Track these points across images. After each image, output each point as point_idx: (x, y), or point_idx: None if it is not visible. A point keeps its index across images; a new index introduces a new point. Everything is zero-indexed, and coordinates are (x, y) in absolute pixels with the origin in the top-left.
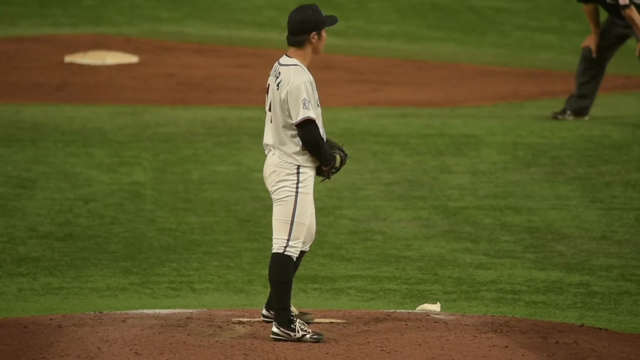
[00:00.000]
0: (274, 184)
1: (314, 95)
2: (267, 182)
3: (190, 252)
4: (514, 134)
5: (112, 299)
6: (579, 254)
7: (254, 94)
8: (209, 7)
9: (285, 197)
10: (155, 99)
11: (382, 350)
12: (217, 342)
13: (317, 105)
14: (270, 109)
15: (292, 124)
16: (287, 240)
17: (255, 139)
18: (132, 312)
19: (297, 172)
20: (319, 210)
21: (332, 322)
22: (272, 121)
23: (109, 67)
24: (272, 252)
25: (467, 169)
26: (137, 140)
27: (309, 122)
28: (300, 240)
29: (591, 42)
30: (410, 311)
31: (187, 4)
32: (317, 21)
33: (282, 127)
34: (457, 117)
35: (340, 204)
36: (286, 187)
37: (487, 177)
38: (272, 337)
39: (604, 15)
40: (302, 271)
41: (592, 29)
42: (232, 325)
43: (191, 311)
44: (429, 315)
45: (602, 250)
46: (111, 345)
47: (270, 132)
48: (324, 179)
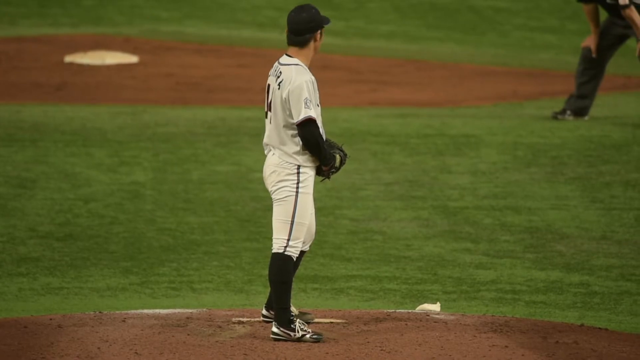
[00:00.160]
0: (274, 183)
1: (315, 94)
2: (267, 182)
3: (190, 252)
4: (514, 134)
5: (112, 298)
6: (579, 254)
7: (253, 94)
8: (209, 7)
9: (285, 197)
10: (155, 99)
11: (382, 350)
12: (217, 342)
13: (318, 105)
14: (270, 109)
15: (293, 123)
16: (287, 240)
17: (255, 139)
18: (132, 312)
19: (298, 172)
20: (318, 210)
21: (332, 322)
22: (272, 121)
23: (109, 67)
24: (272, 252)
25: (467, 169)
26: (137, 140)
27: (309, 121)
28: (300, 240)
29: (591, 42)
30: (410, 311)
31: (186, 4)
32: (320, 19)
33: (283, 127)
34: (456, 117)
35: (340, 204)
36: (286, 187)
37: (487, 177)
38: (272, 337)
39: (603, 15)
40: (302, 271)
41: (592, 29)
42: (232, 325)
43: (191, 311)
44: (428, 315)
45: (602, 250)
46: (111, 345)
47: (270, 132)
48: (323, 178)
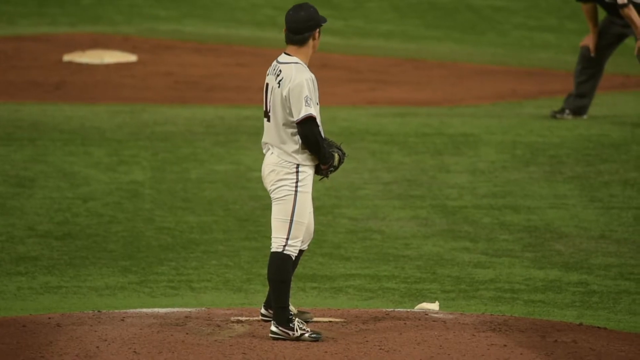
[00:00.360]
0: (273, 182)
1: (315, 93)
2: (265, 181)
3: (189, 251)
4: (513, 133)
5: (110, 297)
6: (578, 253)
7: (252, 92)
8: (208, 6)
9: (284, 196)
10: (153, 98)
11: (380, 349)
12: (215, 341)
13: (317, 103)
14: (269, 108)
15: (294, 121)
16: (287, 239)
17: (253, 138)
18: (131, 311)
19: (297, 171)
20: (317, 209)
21: (330, 321)
22: (271, 120)
23: (108, 66)
24: (271, 251)
25: (465, 168)
26: (135, 139)
27: (310, 119)
28: (299, 239)
29: (590, 41)
30: (408, 310)
31: (185, 3)
32: (318, 18)
33: (283, 125)
34: (455, 116)
35: (339, 203)
36: (285, 186)
37: (485, 176)
38: (270, 336)
39: (602, 14)
40: (300, 270)
41: (591, 28)
42: (231, 324)
43: (190, 310)
44: (427, 314)
45: (601, 249)
46: (110, 344)
47: (269, 131)
48: (322, 177)
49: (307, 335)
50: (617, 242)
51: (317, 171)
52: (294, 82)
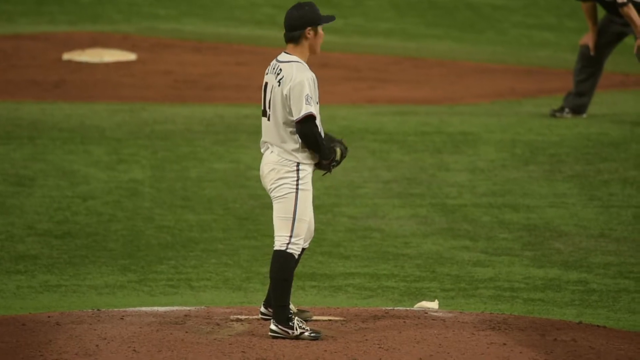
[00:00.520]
0: (273, 181)
1: (316, 92)
2: (265, 180)
3: (188, 250)
4: (512, 132)
5: (110, 296)
6: (577, 252)
7: (252, 91)
8: (207, 5)
9: (285, 195)
10: (153, 97)
11: (380, 347)
12: (215, 339)
13: (317, 102)
14: (269, 107)
15: (293, 120)
16: (290, 237)
17: (253, 137)
18: (130, 309)
19: (297, 170)
20: (317, 207)
21: (330, 320)
22: (271, 119)
23: (107, 65)
24: (274, 249)
25: (465, 167)
26: (135, 137)
27: (309, 117)
28: (301, 237)
29: (589, 39)
30: (408, 309)
31: (184, 2)
32: (313, 17)
33: (283, 124)
34: (454, 115)
35: (338, 202)
36: (286, 184)
37: (485, 175)
38: (270, 334)
39: (602, 13)
40: (300, 269)
41: (590, 26)
42: (230, 322)
43: (189, 309)
44: (427, 312)
45: (600, 247)
46: (109, 342)
47: (269, 130)
48: (325, 172)
49: (306, 334)
50: (616, 240)
51: (320, 166)
52: (295, 80)
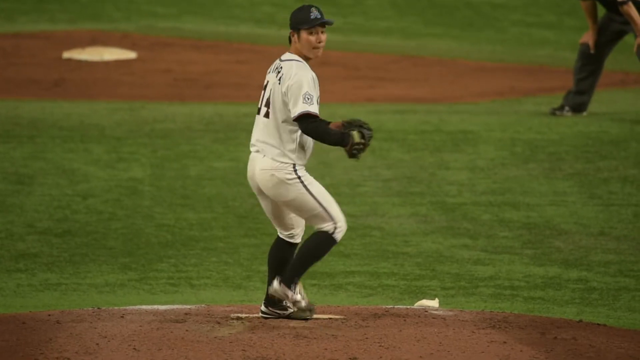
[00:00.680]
0: (274, 188)
1: (316, 91)
2: (259, 183)
3: (188, 248)
4: (512, 130)
5: (110, 294)
6: (577, 250)
7: (251, 89)
8: (206, 3)
9: (295, 197)
10: (152, 95)
11: (380, 346)
12: (215, 337)
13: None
14: (268, 105)
15: (293, 118)
16: (333, 223)
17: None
18: (131, 307)
19: (294, 170)
20: None
21: (330, 318)
22: (270, 117)
23: (107, 63)
24: (320, 230)
25: (464, 165)
26: (134, 136)
27: (307, 116)
28: (342, 219)
29: (589, 38)
30: (408, 307)
31: (184, 0)
32: (295, 21)
33: (282, 122)
34: (454, 114)
35: (338, 200)
36: (291, 187)
37: (485, 173)
38: (270, 293)
39: (602, 11)
40: None
41: (590, 25)
42: (231, 321)
43: (189, 307)
44: (427, 311)
45: (600, 246)
46: (110, 341)
47: (266, 130)
48: (352, 157)
49: (303, 303)
50: (616, 239)
51: (347, 154)
52: (293, 78)
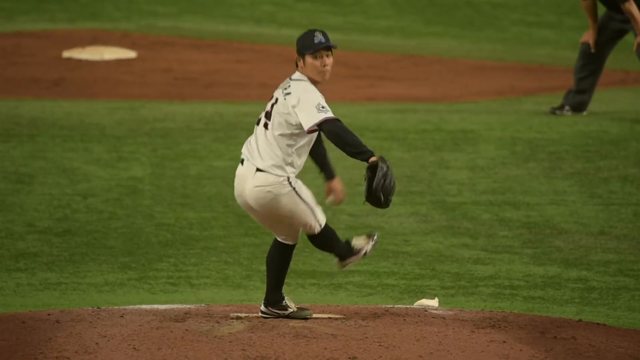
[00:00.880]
0: (269, 203)
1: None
2: (252, 201)
3: (188, 248)
4: (512, 129)
5: (110, 294)
6: (577, 250)
7: (251, 89)
8: (206, 3)
9: (288, 205)
10: (152, 94)
11: (380, 345)
12: (215, 337)
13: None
14: (267, 117)
15: (308, 129)
16: (316, 220)
17: (252, 134)
18: (130, 307)
19: (289, 183)
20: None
21: (330, 318)
22: (268, 127)
23: (107, 63)
24: (309, 235)
25: (465, 165)
26: (135, 135)
27: (327, 122)
28: (321, 211)
29: (589, 37)
30: (408, 306)
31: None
32: (300, 46)
33: (279, 135)
34: (454, 113)
35: None
36: (285, 198)
37: (485, 173)
38: (339, 267)
39: (601, 10)
40: (300, 266)
41: (590, 23)
42: (231, 320)
43: (189, 306)
44: (427, 310)
45: (600, 245)
46: (109, 340)
47: (260, 140)
48: (378, 201)
49: (367, 247)
50: (616, 238)
51: (372, 201)
52: (304, 95)
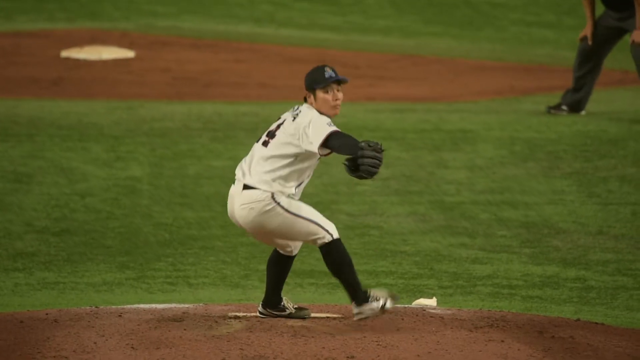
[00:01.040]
0: (254, 220)
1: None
2: (241, 220)
3: (186, 247)
4: (511, 129)
5: (108, 293)
6: (576, 249)
7: (250, 88)
8: (205, 2)
9: (280, 223)
10: (151, 94)
11: (378, 344)
12: (213, 336)
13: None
14: (269, 135)
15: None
16: (323, 230)
17: (251, 134)
18: (128, 306)
19: (273, 199)
20: (315, 205)
21: (328, 317)
22: (267, 146)
23: (105, 62)
24: (319, 246)
25: (463, 164)
26: (133, 135)
27: (334, 134)
28: (329, 222)
29: (587, 30)
30: (406, 306)
31: None
32: (310, 81)
33: (277, 154)
34: (453, 112)
35: (337, 199)
36: (272, 214)
37: (483, 172)
38: (357, 318)
39: (600, 9)
40: (298, 266)
41: (588, 15)
42: (229, 320)
43: (187, 306)
44: (425, 309)
45: (599, 245)
46: (107, 339)
47: (257, 156)
48: (363, 177)
49: (384, 302)
50: (614, 238)
51: (356, 171)
52: (316, 118)
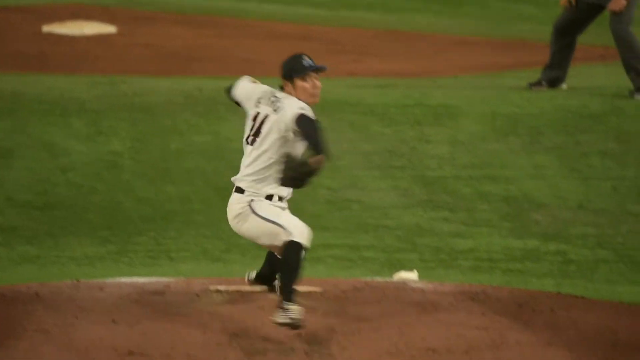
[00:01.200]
0: (237, 223)
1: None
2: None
3: (168, 222)
4: (492, 104)
5: (89, 267)
6: (556, 223)
7: (232, 63)
8: None
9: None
10: (133, 69)
11: (359, 318)
12: (194, 310)
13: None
14: (256, 134)
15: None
16: (288, 233)
17: (232, 109)
18: (110, 280)
19: (249, 204)
20: None
21: (309, 291)
22: (254, 145)
23: (87, 37)
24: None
25: (445, 139)
26: (115, 110)
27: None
28: (300, 228)
29: None
30: (387, 280)
31: None
32: (288, 70)
33: (265, 151)
34: (435, 88)
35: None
36: (244, 217)
37: (465, 147)
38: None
39: None
40: None
41: None
42: (210, 293)
43: (168, 280)
44: (406, 283)
45: (579, 219)
46: (89, 313)
47: (249, 158)
48: (299, 184)
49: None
50: (594, 212)
51: (293, 183)
52: (295, 102)
